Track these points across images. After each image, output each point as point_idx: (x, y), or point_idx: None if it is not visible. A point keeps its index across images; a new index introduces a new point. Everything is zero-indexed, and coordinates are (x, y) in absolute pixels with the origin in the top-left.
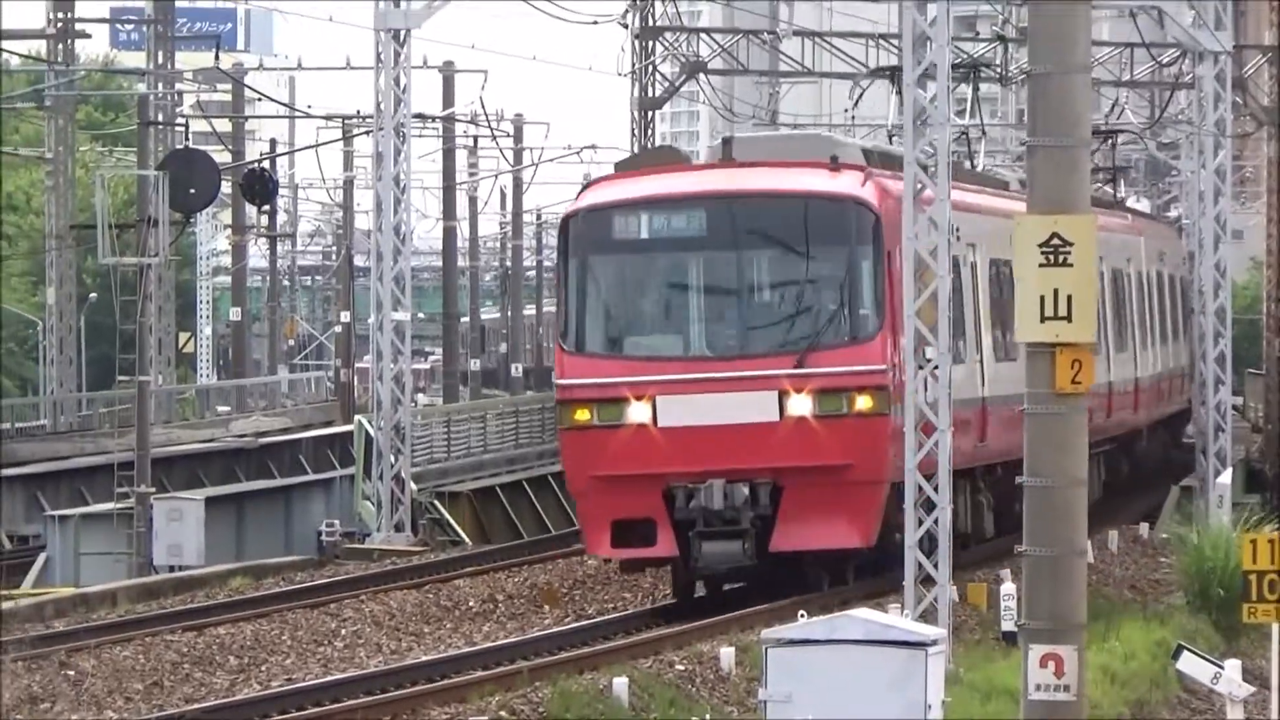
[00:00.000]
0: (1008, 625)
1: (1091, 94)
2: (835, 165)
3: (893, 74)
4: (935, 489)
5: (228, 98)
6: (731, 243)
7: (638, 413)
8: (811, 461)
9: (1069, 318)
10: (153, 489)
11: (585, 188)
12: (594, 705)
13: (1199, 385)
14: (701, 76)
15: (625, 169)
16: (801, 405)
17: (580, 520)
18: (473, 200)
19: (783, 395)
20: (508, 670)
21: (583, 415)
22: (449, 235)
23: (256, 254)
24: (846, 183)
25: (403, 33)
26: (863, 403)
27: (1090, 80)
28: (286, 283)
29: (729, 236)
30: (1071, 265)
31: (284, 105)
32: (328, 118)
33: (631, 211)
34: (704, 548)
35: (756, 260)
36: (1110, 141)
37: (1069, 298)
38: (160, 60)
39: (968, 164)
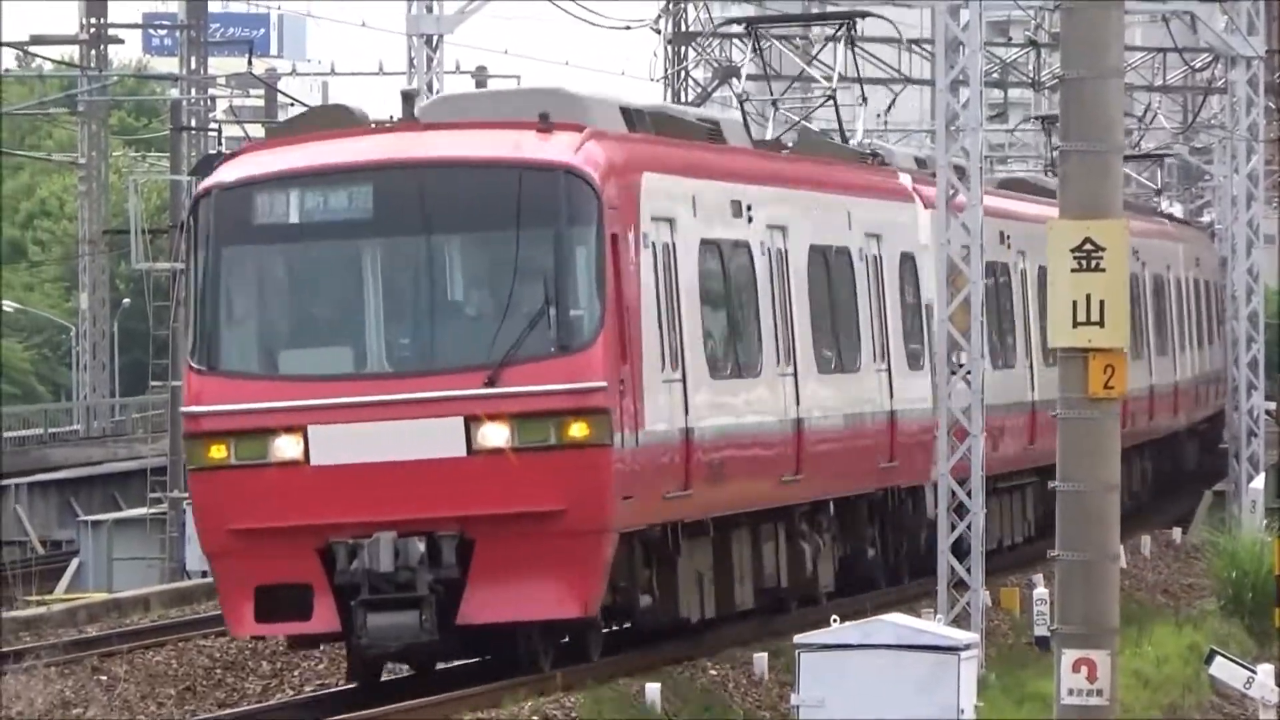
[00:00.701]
0: (1040, 630)
1: (1124, 99)
2: (546, 126)
3: (749, 26)
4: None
5: (260, 103)
6: (406, 227)
7: (286, 448)
8: (509, 508)
9: (1101, 323)
10: (185, 494)
11: (225, 159)
12: (627, 710)
13: (1231, 390)
14: (734, 81)
15: (280, 134)
16: (495, 435)
17: (217, 588)
18: None
19: (471, 423)
20: (541, 675)
21: (217, 452)
22: None
23: None
24: (556, 148)
25: (435, 38)
26: (577, 430)
27: (1123, 85)
28: None
29: (403, 219)
30: (1104, 270)
31: None
32: None
33: (277, 188)
34: (369, 620)
35: (439, 249)
36: None
37: (1101, 303)
38: (193, 65)
39: (838, 138)
